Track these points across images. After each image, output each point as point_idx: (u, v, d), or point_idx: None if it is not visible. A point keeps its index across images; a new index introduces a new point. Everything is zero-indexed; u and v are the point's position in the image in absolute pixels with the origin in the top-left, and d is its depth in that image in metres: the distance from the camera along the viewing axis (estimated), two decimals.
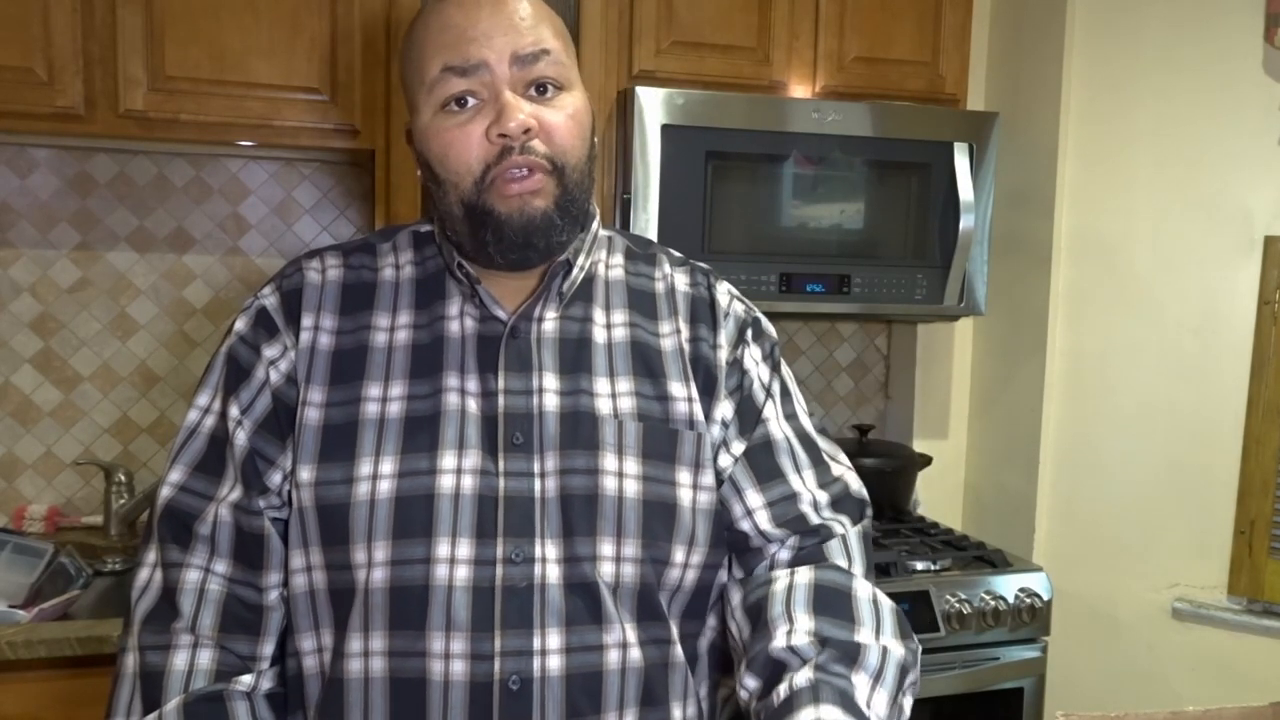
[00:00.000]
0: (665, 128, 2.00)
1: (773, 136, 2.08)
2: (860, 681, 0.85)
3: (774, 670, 0.88)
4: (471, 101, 0.92)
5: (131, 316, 2.21)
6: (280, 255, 2.27)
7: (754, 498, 1.00)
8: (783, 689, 0.85)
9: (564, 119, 0.93)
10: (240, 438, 0.96)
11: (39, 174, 2.14)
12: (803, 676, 0.85)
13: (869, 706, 0.83)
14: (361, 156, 2.13)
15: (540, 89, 0.93)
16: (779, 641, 0.89)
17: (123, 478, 2.12)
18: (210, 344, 2.24)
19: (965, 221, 2.15)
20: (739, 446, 1.01)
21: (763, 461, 1.01)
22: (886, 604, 0.94)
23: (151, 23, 1.84)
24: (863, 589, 0.94)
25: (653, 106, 1.99)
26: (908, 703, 0.89)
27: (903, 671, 0.89)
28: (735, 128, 2.05)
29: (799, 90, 2.19)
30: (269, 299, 1.00)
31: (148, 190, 2.20)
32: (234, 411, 0.96)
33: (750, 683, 0.90)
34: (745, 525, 1.00)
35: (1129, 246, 2.24)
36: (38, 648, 1.60)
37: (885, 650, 0.89)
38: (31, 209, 2.14)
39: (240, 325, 1.00)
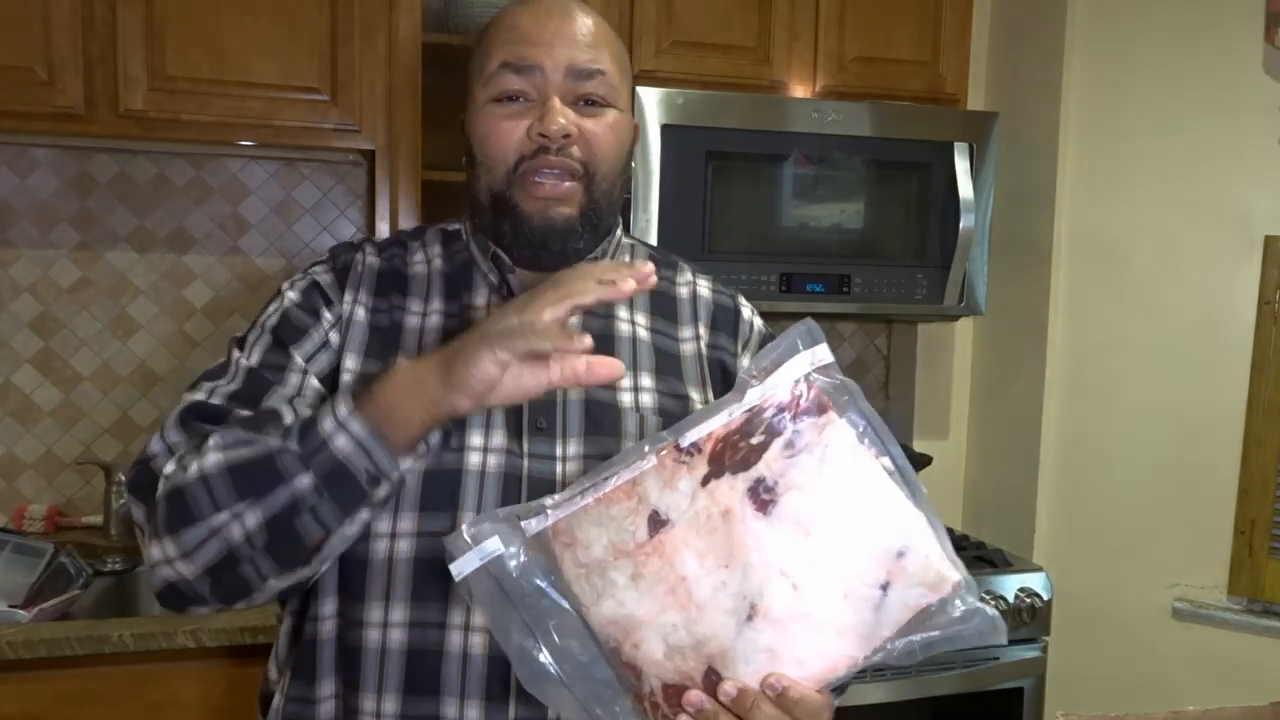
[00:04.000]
0: (665, 128, 2.00)
1: (773, 136, 2.08)
2: None
3: None
4: (522, 100, 0.97)
5: (131, 316, 2.21)
6: (280, 255, 2.27)
7: None
8: None
9: (604, 129, 0.98)
10: (311, 384, 0.96)
11: (39, 174, 2.14)
12: None
13: None
14: (361, 156, 2.13)
15: (588, 103, 0.98)
16: None
17: (123, 478, 2.12)
18: (211, 344, 2.24)
19: (965, 221, 2.14)
20: None
21: None
22: None
23: (151, 23, 1.84)
24: None
25: (653, 106, 1.99)
26: None
27: None
28: (735, 127, 2.05)
29: (799, 90, 2.19)
30: (323, 276, 1.02)
31: (148, 190, 2.20)
32: (298, 360, 0.97)
33: None
34: None
35: (1129, 246, 2.24)
36: (38, 648, 1.59)
37: None
38: (31, 209, 2.14)
39: (294, 295, 1.01)
